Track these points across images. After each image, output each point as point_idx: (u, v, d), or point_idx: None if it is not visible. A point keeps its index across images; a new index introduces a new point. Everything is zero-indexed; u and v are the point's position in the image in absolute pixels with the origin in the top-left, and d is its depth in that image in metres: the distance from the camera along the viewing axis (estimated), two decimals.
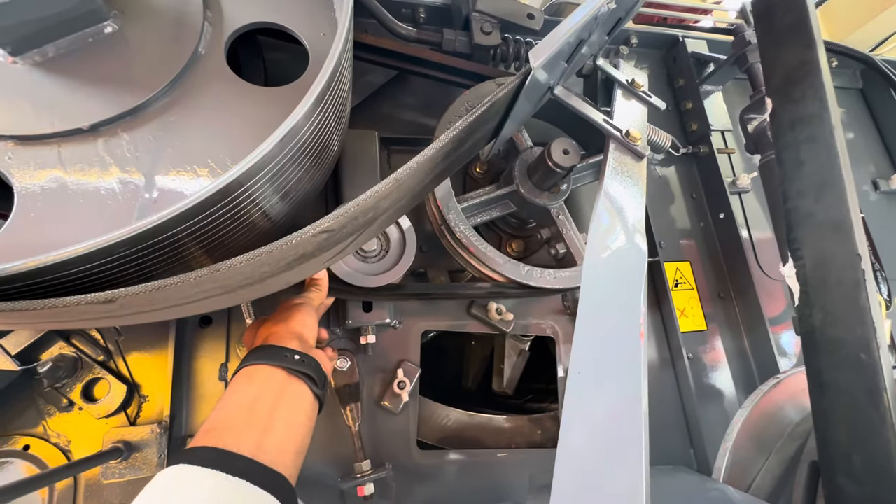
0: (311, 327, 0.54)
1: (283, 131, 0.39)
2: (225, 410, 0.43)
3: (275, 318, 0.54)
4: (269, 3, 0.56)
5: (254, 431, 0.41)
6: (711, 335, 0.85)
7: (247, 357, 0.48)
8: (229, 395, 0.45)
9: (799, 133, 0.46)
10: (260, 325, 0.54)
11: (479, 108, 0.48)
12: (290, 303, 0.56)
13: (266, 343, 0.49)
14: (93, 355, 0.63)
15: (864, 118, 1.13)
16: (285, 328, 0.51)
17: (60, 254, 0.34)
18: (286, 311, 0.54)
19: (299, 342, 0.50)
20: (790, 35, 0.50)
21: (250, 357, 0.48)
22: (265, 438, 0.41)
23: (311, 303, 0.57)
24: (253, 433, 0.41)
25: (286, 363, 0.47)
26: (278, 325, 0.52)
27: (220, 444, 0.39)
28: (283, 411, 0.44)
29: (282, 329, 0.51)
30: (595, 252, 0.47)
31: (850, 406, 0.37)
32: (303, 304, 0.56)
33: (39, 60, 0.48)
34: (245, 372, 0.46)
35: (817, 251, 0.42)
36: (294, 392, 0.46)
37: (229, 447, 0.38)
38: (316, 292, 0.59)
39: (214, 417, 0.42)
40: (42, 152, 0.46)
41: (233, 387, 0.46)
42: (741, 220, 0.90)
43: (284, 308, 0.55)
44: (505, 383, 0.82)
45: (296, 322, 0.53)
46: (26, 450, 0.59)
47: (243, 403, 0.43)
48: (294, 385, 0.47)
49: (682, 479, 0.58)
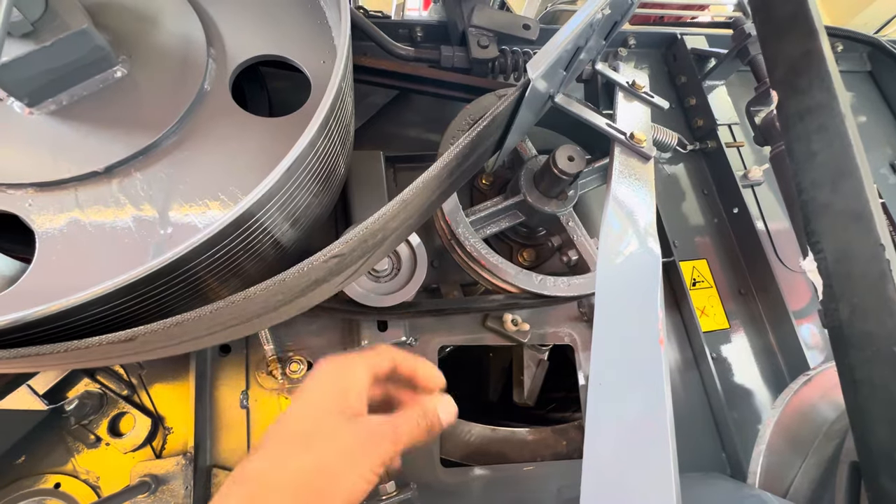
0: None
1: (289, 160, 0.40)
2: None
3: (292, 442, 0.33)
4: (269, 35, 0.58)
5: None
6: (735, 333, 0.83)
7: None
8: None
9: (808, 124, 0.45)
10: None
11: (481, 123, 0.48)
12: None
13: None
14: (117, 390, 0.64)
15: (876, 100, 1.10)
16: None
17: (82, 296, 0.35)
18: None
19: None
20: (790, 25, 0.50)
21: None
22: None
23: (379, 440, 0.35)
24: None
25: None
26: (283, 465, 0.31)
27: None
28: None
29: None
30: (607, 259, 0.47)
31: (887, 402, 0.35)
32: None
33: (54, 109, 0.50)
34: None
35: (838, 243, 0.40)
36: None
37: None
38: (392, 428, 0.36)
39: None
40: (60, 197, 0.47)
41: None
42: (756, 213, 0.88)
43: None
44: (526, 394, 0.80)
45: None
46: (57, 488, 0.60)
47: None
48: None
49: (716, 486, 0.56)
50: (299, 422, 0.34)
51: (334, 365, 0.37)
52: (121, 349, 0.39)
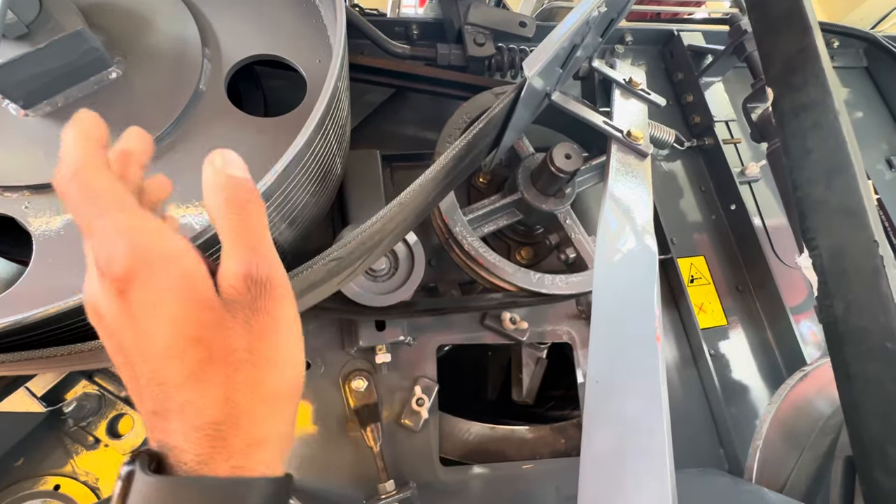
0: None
1: (286, 160, 0.40)
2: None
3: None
4: (264, 35, 0.58)
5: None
6: (732, 329, 0.83)
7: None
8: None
9: (803, 121, 0.46)
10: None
11: (478, 123, 0.48)
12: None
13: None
14: (115, 391, 0.64)
15: (872, 96, 1.10)
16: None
17: (79, 298, 0.35)
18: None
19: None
20: (785, 22, 0.50)
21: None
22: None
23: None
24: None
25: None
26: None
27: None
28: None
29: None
30: (604, 257, 0.47)
31: (881, 397, 0.35)
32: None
33: (50, 111, 0.50)
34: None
35: (832, 239, 0.41)
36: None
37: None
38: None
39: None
40: (57, 199, 0.47)
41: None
42: (753, 210, 0.88)
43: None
44: (525, 393, 0.81)
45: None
46: (57, 489, 0.60)
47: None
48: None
49: (713, 482, 0.57)
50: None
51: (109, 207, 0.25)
52: None
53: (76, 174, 0.25)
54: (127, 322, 0.25)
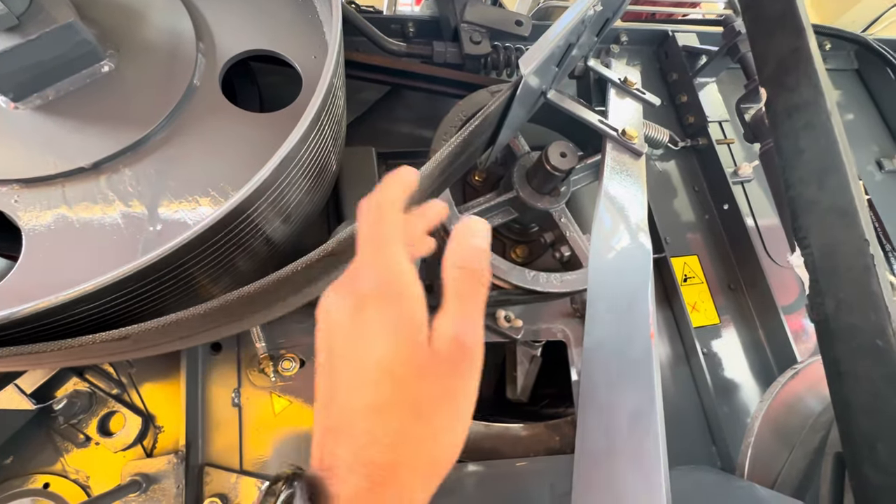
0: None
1: (280, 156, 0.40)
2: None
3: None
4: (259, 30, 0.57)
5: None
6: (725, 328, 0.84)
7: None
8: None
9: (796, 121, 0.46)
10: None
11: (473, 121, 0.48)
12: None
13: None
14: (107, 389, 0.64)
15: (863, 98, 1.12)
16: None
17: (70, 293, 0.35)
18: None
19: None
20: (779, 23, 0.50)
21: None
22: None
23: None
24: None
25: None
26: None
27: None
28: None
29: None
30: (599, 255, 0.47)
31: (871, 394, 0.36)
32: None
33: (40, 104, 0.49)
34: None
35: (824, 238, 0.41)
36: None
37: None
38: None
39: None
40: (47, 193, 0.47)
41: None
42: (746, 210, 0.89)
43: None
44: (519, 391, 0.81)
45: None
46: (46, 488, 0.59)
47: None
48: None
49: (705, 479, 0.57)
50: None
51: (383, 265, 0.29)
52: (113, 347, 0.39)
53: (379, 205, 0.31)
54: (348, 330, 0.28)
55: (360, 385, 0.26)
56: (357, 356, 0.27)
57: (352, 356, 0.27)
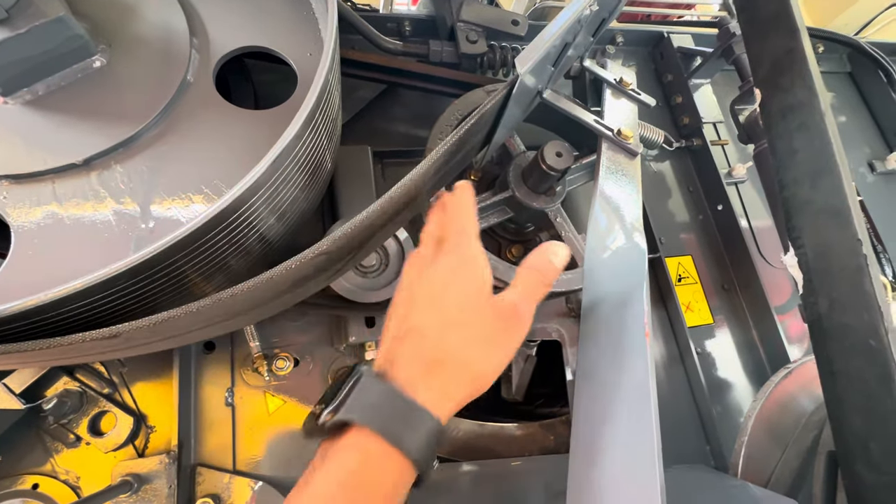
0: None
1: (274, 153, 0.39)
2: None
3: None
4: (254, 26, 0.57)
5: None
6: (718, 328, 0.84)
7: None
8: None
9: (790, 122, 0.46)
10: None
11: (470, 119, 0.48)
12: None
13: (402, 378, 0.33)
14: (98, 388, 0.63)
15: (855, 101, 1.13)
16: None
17: (59, 291, 0.34)
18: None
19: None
20: (774, 24, 0.50)
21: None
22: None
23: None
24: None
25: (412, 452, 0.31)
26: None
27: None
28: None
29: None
30: (594, 253, 0.47)
31: (863, 393, 0.36)
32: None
33: (30, 99, 0.48)
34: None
35: (817, 238, 0.41)
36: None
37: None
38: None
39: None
40: (37, 189, 0.46)
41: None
42: (739, 211, 0.90)
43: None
44: (514, 390, 0.81)
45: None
46: (35, 489, 0.59)
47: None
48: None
49: (699, 478, 0.58)
50: (453, 304, 0.36)
51: (466, 241, 0.39)
52: (104, 345, 0.38)
53: (461, 200, 0.42)
54: (432, 273, 0.37)
55: (433, 308, 0.35)
56: (436, 290, 0.36)
57: (432, 290, 0.36)
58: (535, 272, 0.40)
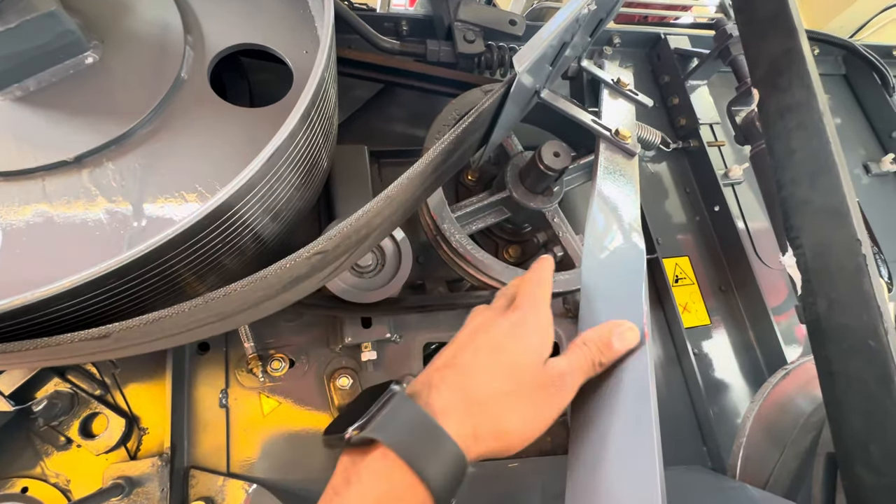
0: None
1: (269, 151, 0.39)
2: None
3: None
4: (250, 24, 0.56)
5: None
6: (715, 329, 0.84)
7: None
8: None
9: (788, 121, 0.46)
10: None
11: (467, 118, 0.48)
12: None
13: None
14: (89, 390, 0.62)
15: (850, 103, 1.13)
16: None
17: (48, 290, 0.33)
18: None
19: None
20: (771, 25, 0.50)
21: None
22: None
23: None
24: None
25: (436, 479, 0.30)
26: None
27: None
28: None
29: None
30: (592, 254, 0.47)
31: (863, 394, 0.36)
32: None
33: (21, 95, 0.47)
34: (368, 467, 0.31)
35: (816, 238, 0.41)
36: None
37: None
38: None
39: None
40: (26, 187, 0.45)
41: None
42: (736, 212, 0.90)
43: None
44: None
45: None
46: (25, 492, 0.58)
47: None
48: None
49: (697, 479, 0.57)
50: (504, 367, 0.37)
51: (536, 306, 0.40)
52: (94, 346, 0.37)
53: (541, 275, 0.43)
54: (499, 331, 0.38)
55: (489, 356, 0.36)
56: (496, 341, 0.37)
57: (492, 339, 0.37)
58: (593, 349, 0.39)
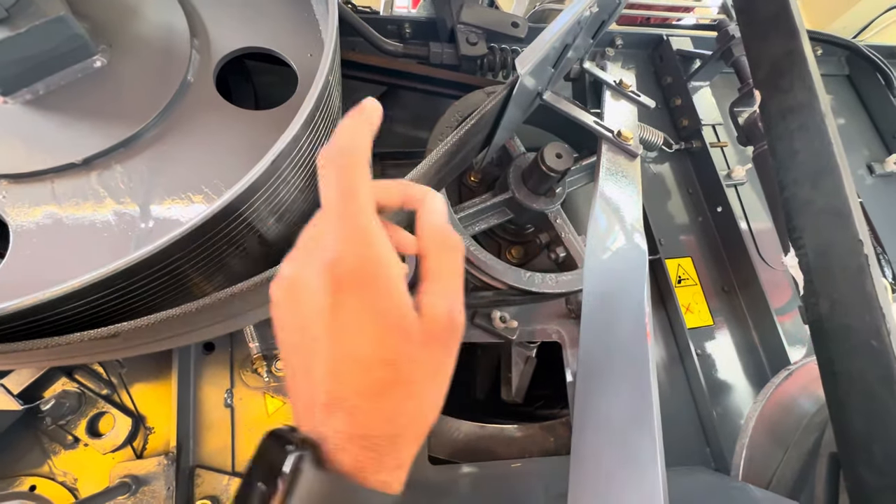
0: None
1: (274, 153, 0.39)
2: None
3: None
4: (255, 27, 0.57)
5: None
6: (718, 330, 0.84)
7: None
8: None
9: (790, 122, 0.46)
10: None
11: (470, 120, 0.48)
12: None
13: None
14: (96, 389, 0.63)
15: (854, 104, 1.13)
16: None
17: (57, 290, 0.34)
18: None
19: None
20: (773, 26, 0.51)
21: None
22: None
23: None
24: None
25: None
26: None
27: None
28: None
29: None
30: (595, 255, 0.47)
31: (865, 394, 0.36)
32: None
33: (30, 98, 0.48)
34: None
35: (818, 239, 0.41)
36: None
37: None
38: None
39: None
40: (36, 189, 0.46)
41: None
42: (739, 213, 0.90)
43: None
44: (514, 392, 0.80)
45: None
46: (33, 490, 0.58)
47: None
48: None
49: (700, 480, 0.57)
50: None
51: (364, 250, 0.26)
52: (102, 346, 0.38)
53: (343, 155, 0.27)
54: (328, 317, 0.25)
55: (350, 371, 0.25)
56: (342, 346, 0.25)
57: (336, 346, 0.25)
58: (447, 250, 0.29)
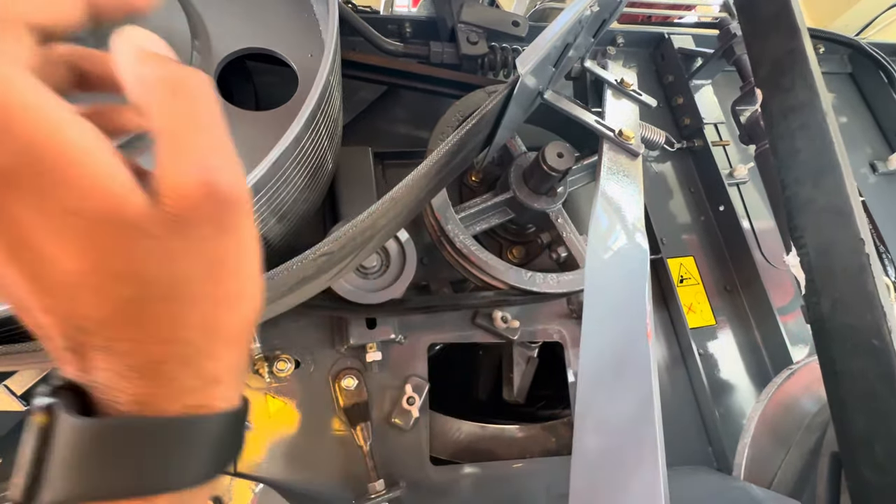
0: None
1: (275, 154, 0.40)
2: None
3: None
4: (255, 28, 0.57)
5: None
6: (721, 329, 0.84)
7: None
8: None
9: (791, 122, 0.46)
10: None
11: (471, 120, 0.48)
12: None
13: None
14: None
15: (856, 101, 1.13)
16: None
17: None
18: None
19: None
20: (774, 25, 0.50)
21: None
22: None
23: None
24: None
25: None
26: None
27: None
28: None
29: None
30: (596, 254, 0.47)
31: (867, 394, 0.36)
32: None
33: None
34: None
35: (820, 238, 0.41)
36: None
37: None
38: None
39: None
40: None
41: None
42: (741, 211, 0.90)
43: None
44: (515, 392, 0.81)
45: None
46: None
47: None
48: None
49: (702, 479, 0.57)
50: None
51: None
52: None
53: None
54: (12, 233, 0.17)
55: (79, 299, 0.18)
56: (47, 265, 0.17)
57: (40, 267, 0.17)
58: (178, 93, 0.20)
